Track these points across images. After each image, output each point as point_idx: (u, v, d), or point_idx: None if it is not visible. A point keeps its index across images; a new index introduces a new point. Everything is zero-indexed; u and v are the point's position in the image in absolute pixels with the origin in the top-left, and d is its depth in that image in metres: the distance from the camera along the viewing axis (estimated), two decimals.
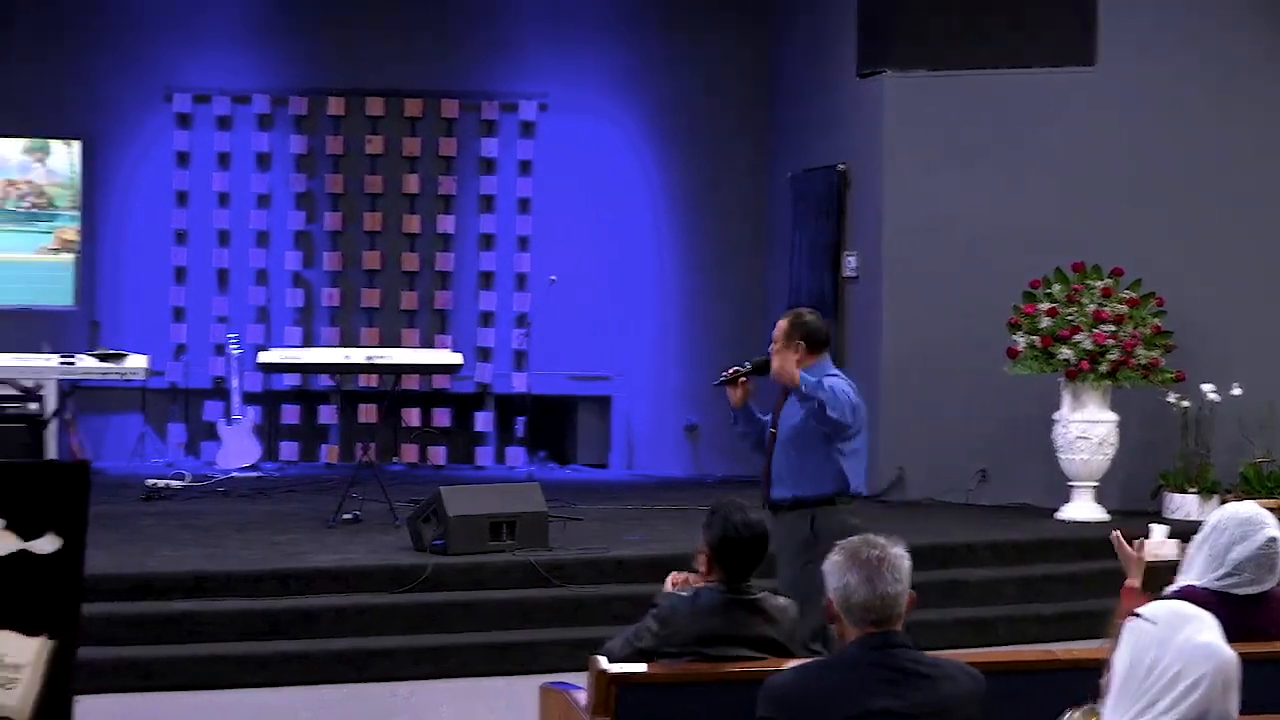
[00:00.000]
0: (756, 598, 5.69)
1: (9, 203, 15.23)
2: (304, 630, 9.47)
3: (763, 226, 15.89)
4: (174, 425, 15.58)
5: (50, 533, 6.31)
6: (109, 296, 15.45)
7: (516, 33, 15.81)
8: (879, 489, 13.60)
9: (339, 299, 15.67)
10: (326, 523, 11.50)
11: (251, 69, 15.61)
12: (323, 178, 15.69)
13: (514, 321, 15.82)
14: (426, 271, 15.79)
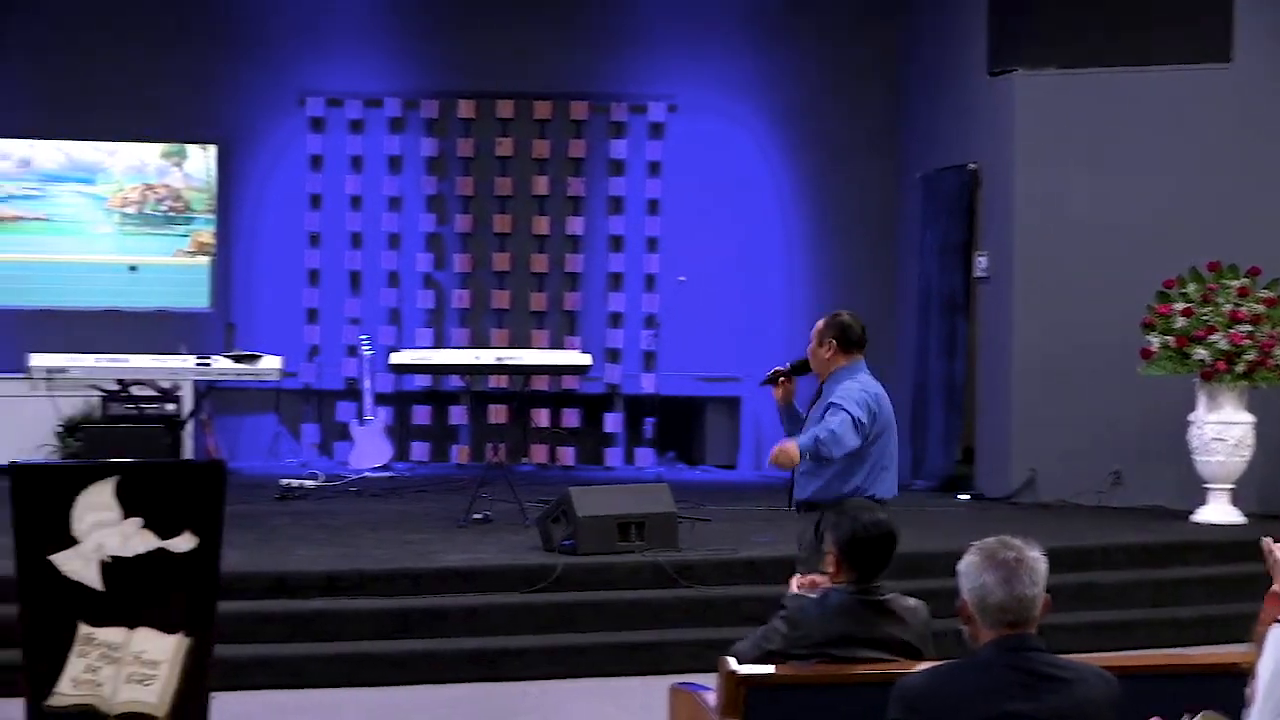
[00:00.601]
0: (886, 599, 5.65)
1: (147, 206, 15.45)
2: (435, 629, 9.51)
3: (892, 226, 15.78)
4: (307, 426, 15.73)
5: (187, 531, 6.39)
6: (244, 298, 15.64)
7: (646, 34, 15.82)
8: (1010, 490, 13.47)
9: (469, 300, 15.76)
10: (457, 522, 11.55)
11: (383, 73, 15.73)
12: (453, 180, 15.78)
13: (642, 322, 15.83)
14: (556, 273, 15.83)
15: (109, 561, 6.29)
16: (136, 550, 6.32)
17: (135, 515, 6.32)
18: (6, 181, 15.20)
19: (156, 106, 15.28)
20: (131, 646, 6.32)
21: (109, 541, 6.30)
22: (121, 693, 6.30)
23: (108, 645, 6.30)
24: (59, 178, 15.31)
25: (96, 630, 6.29)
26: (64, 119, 15.13)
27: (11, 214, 15.22)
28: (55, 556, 6.27)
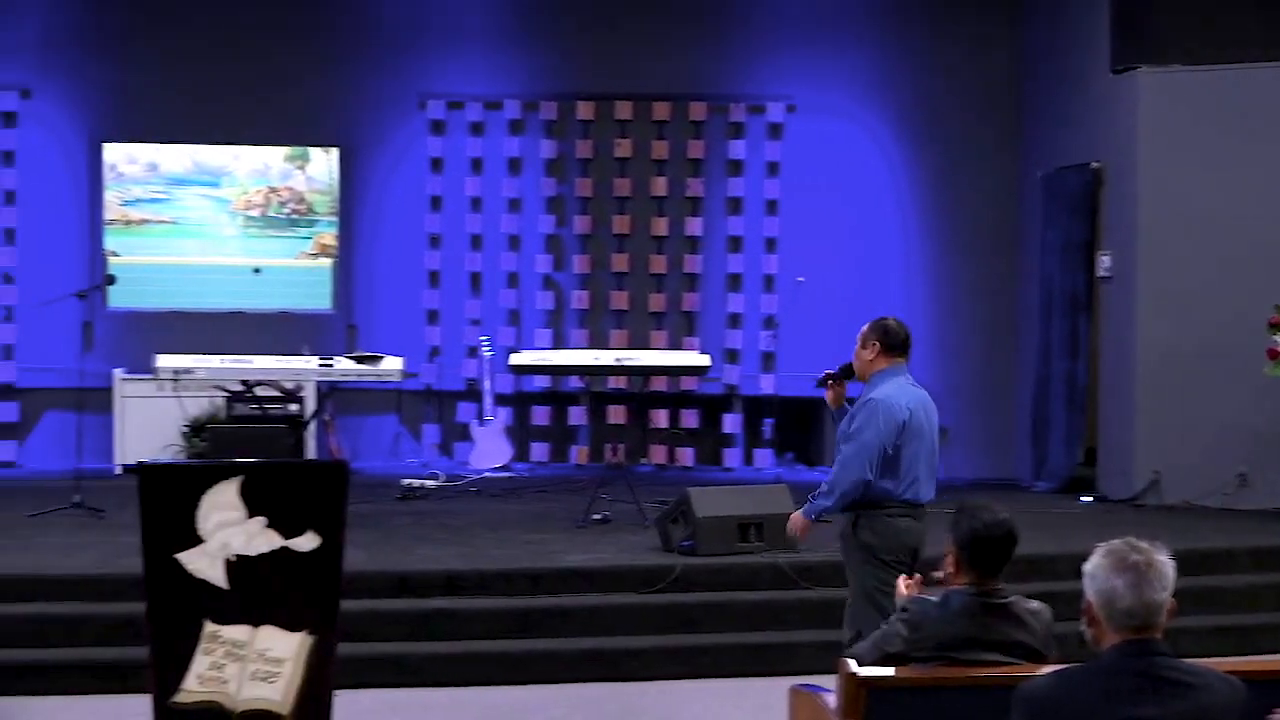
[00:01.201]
0: (1008, 601, 5.59)
1: (271, 209, 15.63)
2: (555, 629, 9.55)
3: (1013, 226, 15.63)
4: (428, 426, 15.84)
5: (310, 531, 6.44)
6: (365, 300, 15.77)
7: (764, 35, 15.79)
8: (1133, 492, 13.30)
9: (588, 301, 15.80)
10: (576, 523, 11.59)
11: (503, 75, 15.81)
12: (572, 181, 15.83)
13: (761, 323, 15.79)
14: (674, 274, 15.84)
15: (234, 560, 6.36)
16: (260, 549, 6.39)
17: (259, 515, 6.39)
18: (134, 185, 15.43)
19: (280, 110, 15.46)
20: (256, 644, 6.39)
21: (234, 540, 6.36)
22: (246, 690, 6.37)
23: (233, 643, 6.36)
24: (185, 181, 15.52)
25: (222, 628, 6.36)
26: (190, 124, 15.34)
27: (139, 217, 15.45)
28: (181, 555, 6.34)
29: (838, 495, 7.41)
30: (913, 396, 7.56)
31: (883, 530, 7.42)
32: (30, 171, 15.30)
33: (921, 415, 7.54)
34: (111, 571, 9.55)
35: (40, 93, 15.28)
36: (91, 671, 8.88)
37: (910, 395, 7.55)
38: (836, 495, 7.42)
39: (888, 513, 7.43)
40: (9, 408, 15.30)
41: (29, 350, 15.25)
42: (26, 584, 9.51)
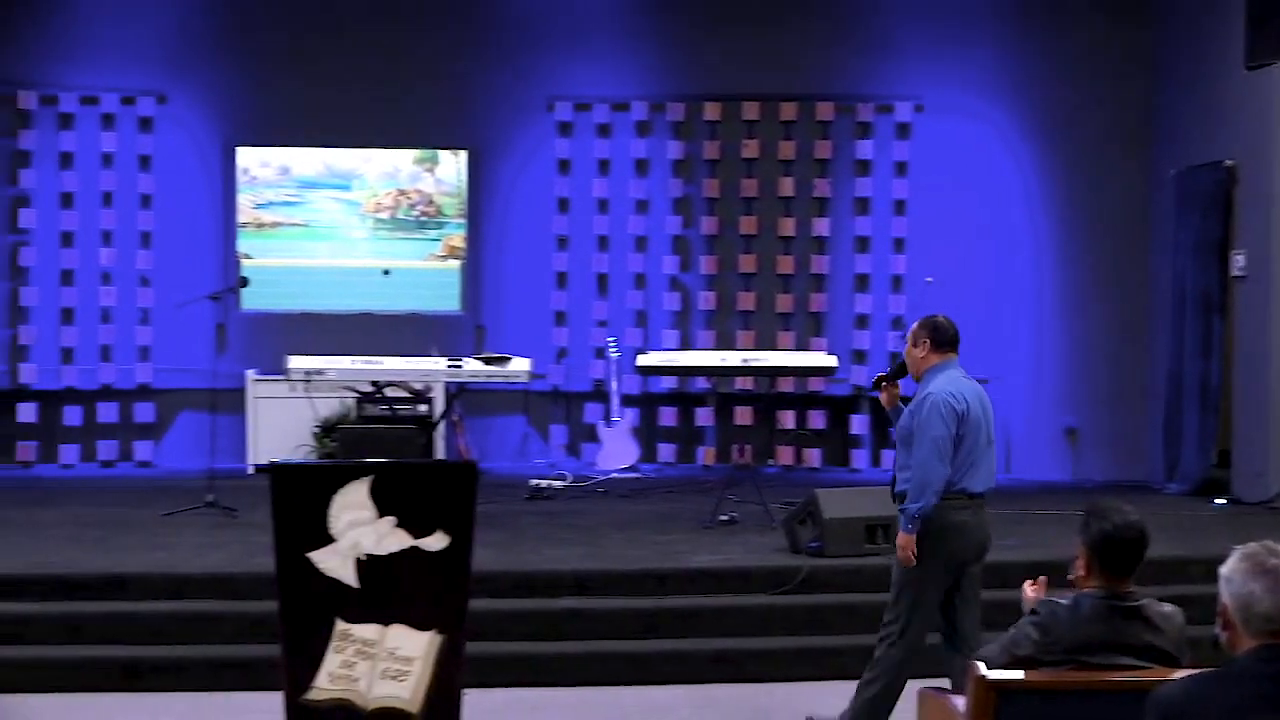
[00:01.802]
0: (1139, 604, 5.51)
1: (400, 211, 15.76)
2: (682, 629, 9.55)
3: (1145, 225, 15.41)
4: (555, 427, 15.90)
5: (439, 530, 6.49)
6: (493, 301, 15.86)
7: (892, 34, 15.70)
8: (1269, 495, 13.09)
9: (715, 302, 15.79)
10: (703, 523, 11.59)
11: (630, 77, 15.83)
12: (700, 182, 15.83)
13: (889, 324, 15.70)
14: (802, 274, 15.79)
15: (364, 559, 6.42)
16: (390, 549, 6.44)
17: (389, 514, 6.44)
18: (267, 188, 15.62)
19: (410, 113, 15.59)
20: (386, 643, 6.44)
21: (364, 540, 6.42)
22: (376, 688, 6.42)
23: (363, 641, 6.42)
24: (316, 184, 15.69)
25: (353, 627, 6.42)
26: (322, 127, 15.51)
27: (271, 220, 15.64)
28: (313, 554, 6.41)
29: (928, 495, 7.49)
30: (968, 389, 7.69)
31: (943, 525, 7.54)
32: (166, 176, 15.54)
33: (978, 407, 7.66)
34: (244, 570, 9.68)
35: (175, 98, 15.52)
36: (225, 668, 9.00)
37: (966, 387, 7.68)
38: (928, 496, 7.49)
39: (949, 505, 7.56)
40: (145, 408, 15.55)
41: (164, 351, 15.50)
42: (162, 582, 9.66)
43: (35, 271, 15.35)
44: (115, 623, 9.30)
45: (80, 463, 15.43)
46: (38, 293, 15.34)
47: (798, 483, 13.79)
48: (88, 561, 10.05)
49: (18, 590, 9.52)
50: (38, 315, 15.37)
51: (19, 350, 15.34)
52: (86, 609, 9.40)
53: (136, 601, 9.51)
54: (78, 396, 15.49)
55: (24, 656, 9.02)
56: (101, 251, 15.44)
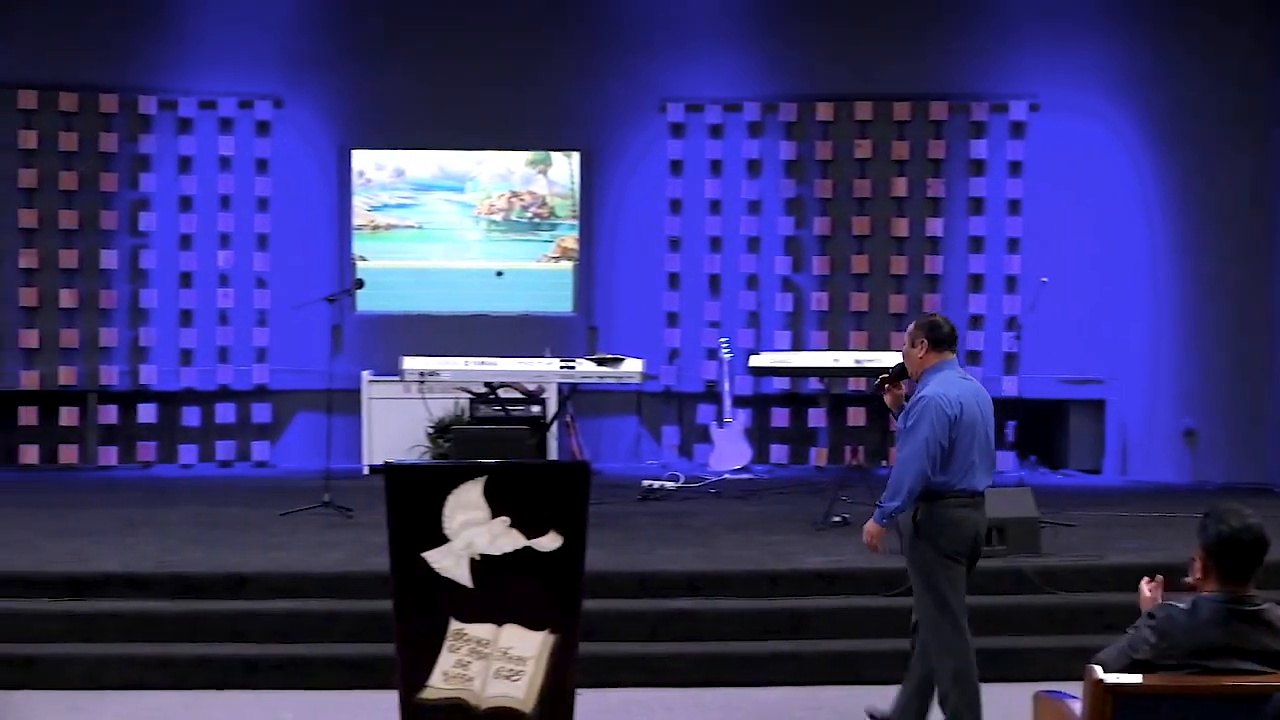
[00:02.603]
0: (1259, 608, 5.44)
1: (513, 213, 15.85)
2: (795, 630, 9.53)
3: (1265, 226, 15.18)
4: (668, 428, 15.92)
5: (553, 531, 6.52)
6: (605, 302, 15.91)
7: (1007, 32, 15.59)
8: None
9: (828, 303, 15.75)
10: (816, 524, 11.55)
11: (742, 77, 15.83)
12: (812, 183, 15.80)
13: (1004, 324, 15.59)
14: (915, 275, 15.72)
15: (478, 559, 6.46)
16: (504, 549, 6.48)
17: (503, 514, 6.48)
18: (382, 191, 15.76)
19: (522, 115, 15.67)
20: (500, 642, 6.48)
21: (478, 540, 6.46)
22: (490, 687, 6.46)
23: (477, 641, 6.46)
24: (431, 186, 15.81)
25: (467, 626, 6.46)
26: (435, 130, 15.64)
27: (386, 222, 15.78)
28: (428, 554, 6.46)
29: (904, 494, 7.52)
30: (963, 389, 7.70)
31: (943, 521, 7.57)
32: (282, 179, 15.71)
33: (974, 407, 7.68)
34: (360, 569, 9.77)
35: (292, 102, 15.70)
36: (342, 667, 9.08)
37: (961, 388, 7.69)
38: (904, 494, 7.52)
39: (946, 503, 7.57)
40: (262, 409, 15.74)
41: (281, 353, 15.68)
42: (280, 581, 9.76)
43: (155, 274, 15.57)
44: (235, 621, 9.42)
45: (199, 463, 15.64)
46: (157, 295, 15.56)
47: None
48: (208, 560, 10.18)
49: (141, 588, 9.66)
50: (157, 317, 15.59)
51: (139, 351, 15.57)
52: (207, 607, 9.53)
53: (255, 600, 9.62)
54: (196, 397, 15.70)
55: (148, 654, 9.15)
56: (220, 254, 15.64)
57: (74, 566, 9.89)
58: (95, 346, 15.49)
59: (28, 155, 15.38)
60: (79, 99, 15.42)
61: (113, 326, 15.52)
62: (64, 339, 15.43)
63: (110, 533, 11.23)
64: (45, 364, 15.41)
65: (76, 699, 8.78)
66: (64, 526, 11.50)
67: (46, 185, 15.40)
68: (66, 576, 9.70)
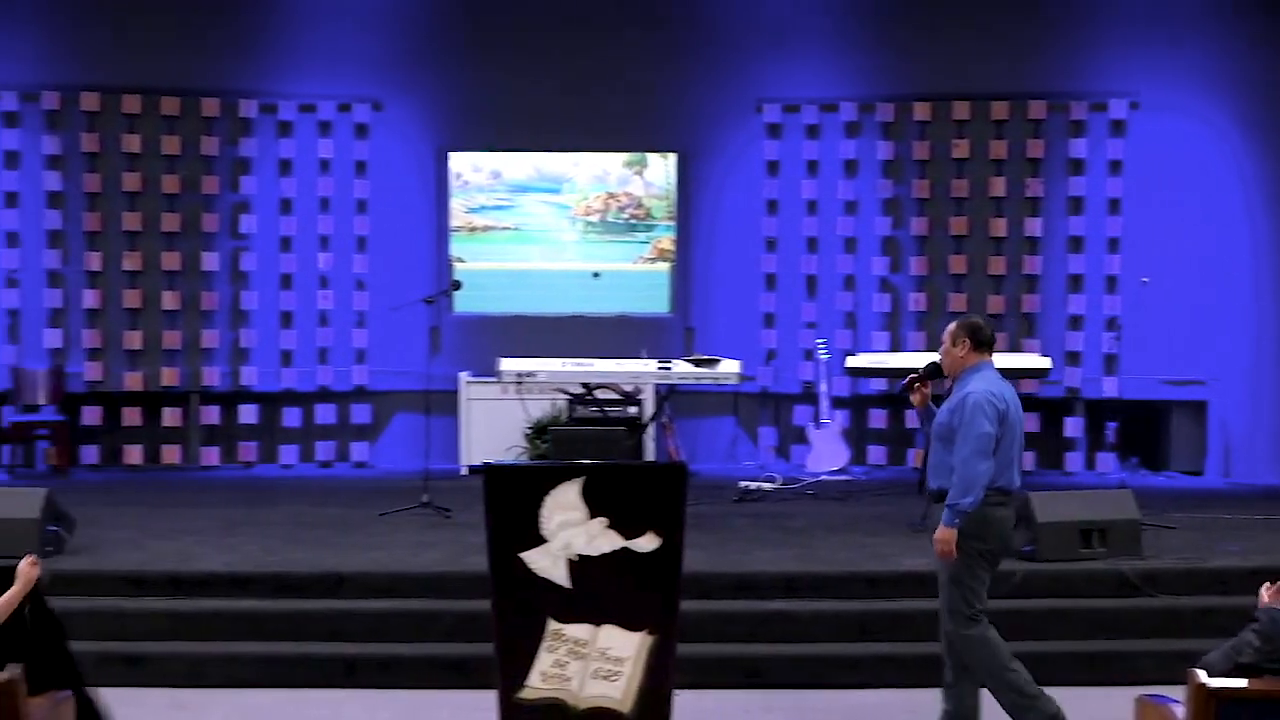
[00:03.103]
0: None
1: (610, 214, 15.87)
2: (894, 632, 9.50)
3: None
4: (764, 429, 15.89)
5: (650, 532, 6.53)
6: (702, 303, 15.90)
7: (1106, 30, 15.45)
8: None
9: (925, 303, 15.66)
10: (914, 526, 11.50)
11: (839, 78, 15.77)
12: (909, 183, 15.72)
13: (1104, 324, 15.45)
14: (1013, 275, 15.61)
15: (576, 560, 6.49)
16: (602, 549, 6.50)
17: (601, 515, 6.50)
18: (479, 193, 15.84)
19: (619, 117, 15.70)
20: (598, 643, 6.50)
21: (576, 540, 6.49)
22: (588, 688, 6.48)
23: (575, 641, 6.49)
24: (527, 188, 15.87)
25: (565, 626, 6.49)
26: (532, 132, 15.68)
27: (483, 224, 15.85)
28: (526, 554, 6.49)
29: (976, 491, 7.62)
30: (1006, 389, 7.89)
31: (979, 519, 7.65)
32: (381, 181, 15.81)
33: (1015, 408, 7.86)
34: (458, 569, 9.83)
35: (390, 104, 15.80)
36: (439, 667, 9.14)
37: (1004, 387, 7.88)
38: (975, 491, 7.62)
39: (989, 502, 7.67)
40: (362, 409, 15.85)
41: (380, 354, 15.78)
42: (378, 581, 9.84)
43: (256, 276, 15.71)
44: (334, 620, 9.50)
45: (299, 463, 15.76)
46: (258, 297, 15.71)
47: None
48: (307, 560, 10.27)
49: (242, 587, 9.77)
50: (258, 319, 15.74)
51: (240, 353, 15.72)
52: (307, 606, 9.62)
53: (354, 600, 9.70)
54: (296, 398, 15.84)
55: (249, 652, 9.25)
56: (319, 256, 15.76)
57: (177, 566, 10.02)
58: (197, 348, 15.66)
59: (131, 159, 15.56)
60: (181, 103, 15.59)
61: (214, 328, 15.68)
62: (166, 340, 15.60)
63: (212, 532, 11.36)
64: (148, 365, 15.59)
65: (180, 696, 8.90)
66: (167, 526, 11.64)
67: (149, 189, 15.58)
68: (170, 575, 9.83)
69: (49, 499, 10.25)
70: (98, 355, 15.54)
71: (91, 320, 15.57)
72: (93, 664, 9.00)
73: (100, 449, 15.57)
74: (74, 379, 15.45)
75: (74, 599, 9.59)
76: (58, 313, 15.51)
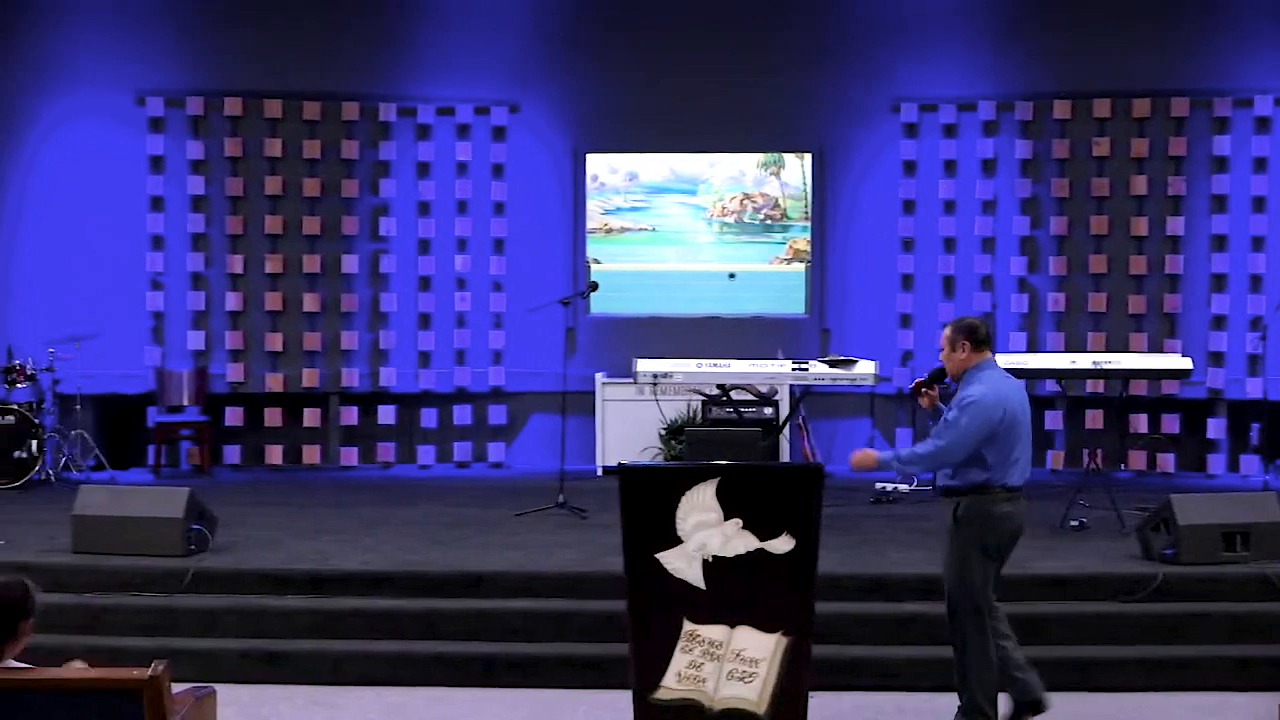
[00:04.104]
0: None
1: (746, 215, 15.89)
2: (1029, 635, 9.41)
3: None
4: (901, 430, 15.82)
5: (785, 533, 6.55)
6: (838, 304, 15.87)
7: (1250, 26, 15.24)
8: None
9: (1064, 304, 15.52)
10: (1053, 528, 11.41)
11: (977, 77, 15.67)
12: (1048, 182, 15.58)
13: (1247, 325, 15.23)
14: (1155, 274, 15.43)
15: (711, 561, 6.52)
16: (737, 550, 6.53)
17: (736, 516, 6.53)
18: (615, 194, 15.91)
19: (755, 117, 15.70)
20: (732, 644, 6.53)
21: (711, 541, 6.52)
22: (723, 689, 6.51)
23: (710, 642, 6.52)
24: (663, 189, 15.92)
25: (700, 627, 6.53)
26: (668, 132, 15.73)
27: (619, 225, 15.92)
28: (661, 555, 6.53)
29: (922, 466, 8.00)
30: (1008, 388, 7.96)
31: (986, 516, 7.74)
32: (518, 183, 15.93)
33: (1016, 404, 7.92)
34: (594, 570, 9.89)
35: (527, 107, 15.91)
36: (575, 666, 9.20)
37: (1004, 388, 7.94)
38: (921, 465, 7.99)
39: (990, 499, 7.74)
40: (498, 410, 15.98)
41: (517, 355, 15.89)
42: (515, 580, 9.92)
43: (394, 278, 15.89)
44: (471, 620, 9.59)
45: (437, 463, 15.92)
46: (397, 299, 15.88)
47: (1151, 488, 13.51)
48: (445, 560, 10.38)
49: (382, 586, 9.89)
50: (397, 320, 15.91)
51: (379, 354, 15.90)
52: (444, 605, 9.72)
53: (491, 599, 9.79)
54: (434, 399, 16.00)
55: (387, 651, 9.37)
56: (457, 258, 15.91)
57: (317, 565, 10.17)
58: (337, 349, 15.87)
59: (273, 163, 15.80)
60: (322, 108, 15.81)
61: (354, 330, 15.88)
62: (307, 342, 15.82)
63: (352, 532, 11.51)
64: (289, 367, 15.82)
65: (319, 694, 9.03)
66: (308, 526, 11.81)
67: (291, 192, 15.81)
68: (310, 574, 9.98)
69: (192, 498, 10.44)
70: (240, 357, 15.80)
71: (234, 322, 15.83)
72: (234, 661, 9.22)
73: (242, 449, 15.83)
74: (217, 380, 15.72)
75: (217, 597, 9.80)
76: (201, 315, 15.79)
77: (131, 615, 9.67)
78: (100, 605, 9.72)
